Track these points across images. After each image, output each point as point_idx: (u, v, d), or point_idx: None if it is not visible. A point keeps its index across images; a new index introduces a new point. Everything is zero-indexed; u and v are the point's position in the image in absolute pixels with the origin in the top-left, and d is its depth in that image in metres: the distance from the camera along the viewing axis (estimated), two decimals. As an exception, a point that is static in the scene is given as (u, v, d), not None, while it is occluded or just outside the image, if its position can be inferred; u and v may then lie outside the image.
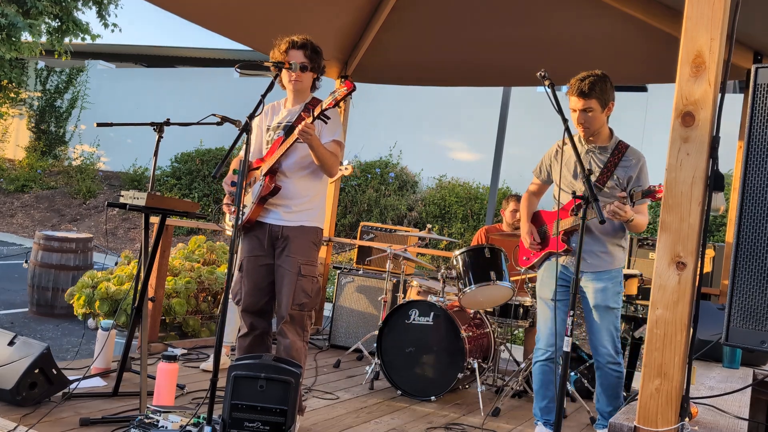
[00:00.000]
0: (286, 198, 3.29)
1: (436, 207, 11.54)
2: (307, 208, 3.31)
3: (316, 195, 3.37)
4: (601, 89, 3.20)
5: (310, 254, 3.29)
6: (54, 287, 6.64)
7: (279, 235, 3.28)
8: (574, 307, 2.53)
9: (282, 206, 3.29)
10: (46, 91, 16.79)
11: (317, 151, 3.16)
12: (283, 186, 3.28)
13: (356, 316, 5.48)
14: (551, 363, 3.41)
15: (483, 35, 5.16)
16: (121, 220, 13.37)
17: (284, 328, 3.24)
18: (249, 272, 3.34)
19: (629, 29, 4.54)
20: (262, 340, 3.39)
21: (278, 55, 3.31)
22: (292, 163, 3.29)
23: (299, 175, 3.31)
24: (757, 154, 1.84)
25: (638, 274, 4.53)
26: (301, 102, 3.40)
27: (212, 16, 4.68)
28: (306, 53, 3.29)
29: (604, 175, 3.32)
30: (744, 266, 1.83)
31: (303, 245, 3.27)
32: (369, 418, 3.78)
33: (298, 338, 3.26)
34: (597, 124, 3.30)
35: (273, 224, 3.29)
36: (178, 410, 3.04)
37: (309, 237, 3.30)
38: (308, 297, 3.26)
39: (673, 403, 1.96)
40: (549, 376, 3.44)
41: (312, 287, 3.28)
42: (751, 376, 3.16)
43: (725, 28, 1.99)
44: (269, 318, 3.43)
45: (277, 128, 3.39)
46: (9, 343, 3.35)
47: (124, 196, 3.48)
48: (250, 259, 3.35)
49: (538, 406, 3.52)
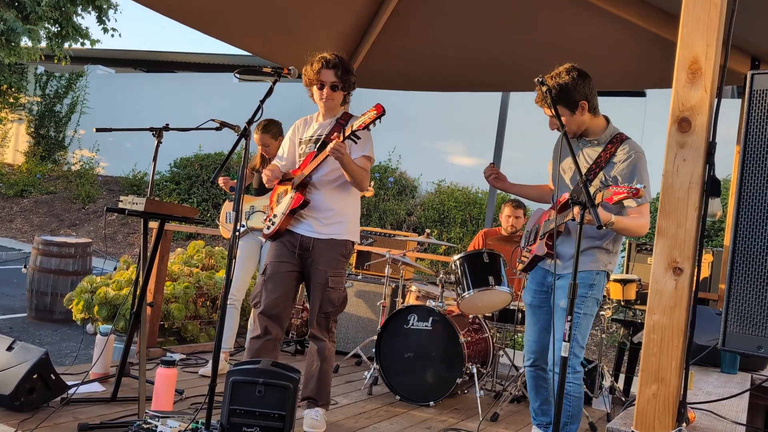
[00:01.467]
0: (316, 210, 3.46)
1: (434, 212, 11.54)
2: (337, 221, 3.47)
3: (346, 207, 3.53)
4: (564, 93, 2.99)
5: (338, 266, 3.49)
6: (53, 292, 6.63)
7: (310, 246, 3.45)
8: (572, 312, 2.53)
9: (313, 218, 3.46)
10: (46, 96, 16.80)
11: (348, 168, 3.33)
12: (313, 198, 3.46)
13: (355, 321, 5.48)
14: (538, 369, 3.35)
15: (482, 41, 5.17)
16: (120, 225, 13.37)
17: (314, 332, 3.50)
18: (272, 277, 3.48)
19: (628, 35, 4.55)
20: (274, 346, 3.48)
21: (311, 72, 3.48)
22: (322, 176, 3.46)
23: (329, 187, 3.47)
24: (754, 159, 1.84)
25: (636, 278, 4.53)
26: (333, 117, 3.58)
27: (211, 21, 4.69)
28: (337, 73, 3.46)
29: (592, 173, 3.08)
30: (741, 271, 1.84)
31: (332, 258, 3.46)
32: (367, 424, 3.78)
33: (328, 340, 3.52)
34: (574, 126, 3.09)
35: (304, 235, 3.47)
36: (177, 415, 3.04)
37: (338, 250, 3.48)
38: (334, 306, 3.49)
39: (671, 408, 1.96)
40: (538, 381, 3.38)
41: (338, 296, 3.50)
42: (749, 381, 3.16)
43: (721, 33, 2.00)
44: (284, 325, 3.54)
45: (309, 142, 3.56)
46: (8, 348, 3.35)
47: (123, 201, 3.49)
48: (276, 264, 3.49)
49: (532, 407, 3.48)
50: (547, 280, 3.29)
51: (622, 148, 3.06)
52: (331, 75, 3.45)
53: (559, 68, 3.09)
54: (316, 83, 3.49)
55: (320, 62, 3.45)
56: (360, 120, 3.22)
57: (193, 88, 15.84)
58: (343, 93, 3.54)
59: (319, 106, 3.59)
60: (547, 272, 3.30)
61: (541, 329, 3.31)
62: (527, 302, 3.40)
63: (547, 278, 3.29)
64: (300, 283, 3.59)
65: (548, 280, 3.28)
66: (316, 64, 3.46)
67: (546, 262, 3.28)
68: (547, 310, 3.30)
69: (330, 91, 3.47)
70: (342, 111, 3.62)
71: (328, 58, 3.45)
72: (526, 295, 3.41)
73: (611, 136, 3.13)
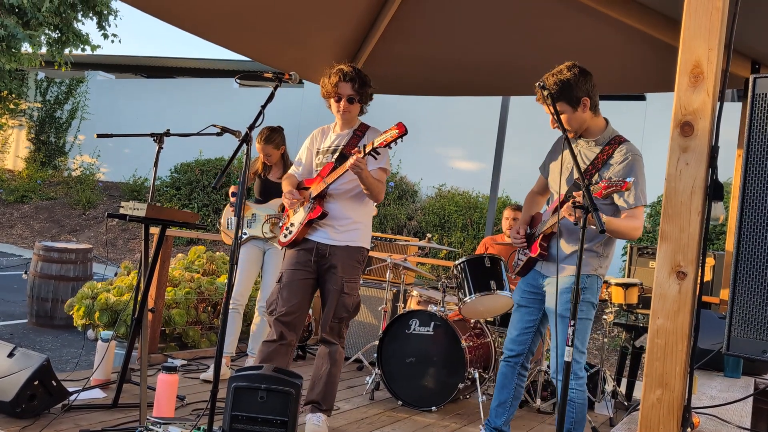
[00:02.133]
0: (332, 219, 3.52)
1: (435, 216, 11.54)
2: (352, 228, 3.53)
3: (361, 216, 3.59)
4: (566, 89, 2.98)
5: (353, 273, 3.55)
6: (53, 298, 6.62)
7: (326, 253, 3.50)
8: (575, 317, 2.52)
9: (330, 226, 3.51)
10: (46, 102, 16.82)
11: (366, 181, 3.39)
12: (329, 207, 3.52)
13: (356, 326, 5.47)
14: (510, 365, 3.31)
15: (482, 45, 5.17)
16: (121, 231, 13.37)
17: (326, 336, 3.54)
18: (288, 284, 3.51)
19: (628, 39, 4.55)
20: (287, 351, 3.49)
21: (328, 85, 3.52)
22: (338, 186, 3.52)
23: (345, 197, 3.54)
24: (756, 162, 1.84)
25: (638, 282, 4.52)
26: (350, 128, 3.63)
27: (211, 27, 4.70)
28: (354, 86, 3.51)
29: (588, 174, 3.05)
30: (744, 275, 1.83)
31: (347, 264, 3.51)
32: (370, 429, 3.76)
33: (339, 344, 3.57)
34: (575, 124, 3.07)
35: (320, 243, 3.52)
36: (178, 422, 3.03)
37: (354, 257, 3.54)
38: (348, 312, 3.54)
39: (675, 413, 1.95)
40: (506, 377, 3.31)
41: (353, 302, 3.56)
42: (753, 386, 3.15)
43: (723, 38, 2.00)
44: (299, 332, 3.56)
45: (326, 152, 3.61)
46: (8, 354, 3.34)
47: (123, 207, 3.49)
48: (292, 272, 3.53)
49: (492, 405, 3.37)
50: (539, 282, 3.26)
51: (619, 150, 3.03)
52: (348, 88, 3.49)
53: (560, 66, 3.07)
54: (333, 96, 3.53)
55: (338, 75, 3.49)
56: (381, 138, 3.26)
57: (194, 94, 15.86)
58: (360, 105, 3.58)
59: (336, 117, 3.63)
60: (539, 274, 3.26)
61: (524, 329, 3.30)
62: (515, 301, 3.37)
63: (539, 280, 3.26)
64: (315, 290, 3.61)
65: (540, 282, 3.26)
66: (334, 76, 3.49)
67: (541, 265, 3.26)
68: (533, 311, 3.28)
69: (347, 103, 3.52)
70: (359, 122, 3.65)
71: (345, 71, 3.49)
72: (515, 294, 3.40)
73: (610, 138, 3.10)
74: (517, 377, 3.33)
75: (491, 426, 3.36)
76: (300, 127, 10.09)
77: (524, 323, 3.29)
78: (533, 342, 3.32)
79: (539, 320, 3.30)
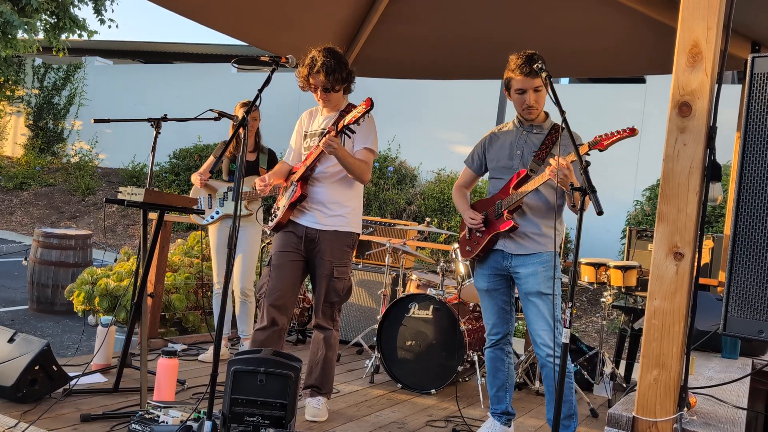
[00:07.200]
0: (320, 202, 3.48)
1: (435, 200, 11.53)
2: (340, 213, 3.50)
3: (350, 200, 3.55)
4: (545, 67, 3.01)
5: (343, 257, 3.52)
6: (54, 284, 6.64)
7: (315, 238, 3.48)
8: (573, 298, 2.53)
9: (317, 210, 3.49)
10: (44, 88, 16.74)
11: (344, 161, 3.35)
12: (317, 191, 3.49)
13: (356, 309, 5.49)
14: (497, 349, 3.34)
15: (481, 28, 5.14)
16: (120, 217, 13.37)
17: (319, 321, 3.54)
18: (278, 267, 3.50)
19: (627, 20, 4.52)
20: (279, 336, 3.50)
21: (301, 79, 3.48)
22: (324, 170, 3.49)
23: (331, 180, 3.50)
24: (755, 144, 1.83)
25: (637, 265, 4.53)
26: (337, 110, 3.59)
27: (208, 12, 4.67)
28: (327, 76, 3.41)
29: (543, 152, 3.18)
30: (741, 256, 1.84)
31: (336, 249, 3.49)
32: (369, 412, 3.79)
33: (333, 328, 3.57)
34: (543, 103, 3.19)
35: (309, 227, 3.49)
36: (179, 405, 3.05)
37: (343, 241, 3.51)
38: (339, 296, 3.53)
39: (672, 393, 1.96)
40: (496, 363, 3.36)
41: (343, 286, 3.54)
42: (750, 366, 3.17)
43: (722, 17, 1.99)
44: (290, 315, 3.57)
45: (314, 135, 3.59)
46: (9, 340, 3.35)
47: (122, 193, 3.48)
48: (281, 254, 3.51)
49: (490, 394, 3.42)
50: (504, 264, 3.25)
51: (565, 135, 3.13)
52: (319, 79, 3.42)
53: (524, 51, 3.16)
54: (308, 88, 3.51)
55: (307, 68, 3.42)
56: (350, 115, 3.25)
57: (191, 79, 15.79)
58: (339, 89, 3.50)
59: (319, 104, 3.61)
60: (504, 255, 3.24)
61: (500, 310, 3.32)
62: (482, 288, 3.34)
63: (503, 263, 3.25)
64: (305, 272, 3.59)
65: (505, 264, 3.24)
66: (304, 69, 3.44)
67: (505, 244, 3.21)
68: (503, 292, 3.31)
69: (323, 93, 3.48)
70: (347, 103, 3.61)
71: (313, 62, 3.40)
72: (479, 281, 3.35)
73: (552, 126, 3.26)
74: (506, 356, 3.37)
75: (498, 412, 3.39)
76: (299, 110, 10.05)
77: (500, 304, 3.32)
78: (511, 322, 3.37)
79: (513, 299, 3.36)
